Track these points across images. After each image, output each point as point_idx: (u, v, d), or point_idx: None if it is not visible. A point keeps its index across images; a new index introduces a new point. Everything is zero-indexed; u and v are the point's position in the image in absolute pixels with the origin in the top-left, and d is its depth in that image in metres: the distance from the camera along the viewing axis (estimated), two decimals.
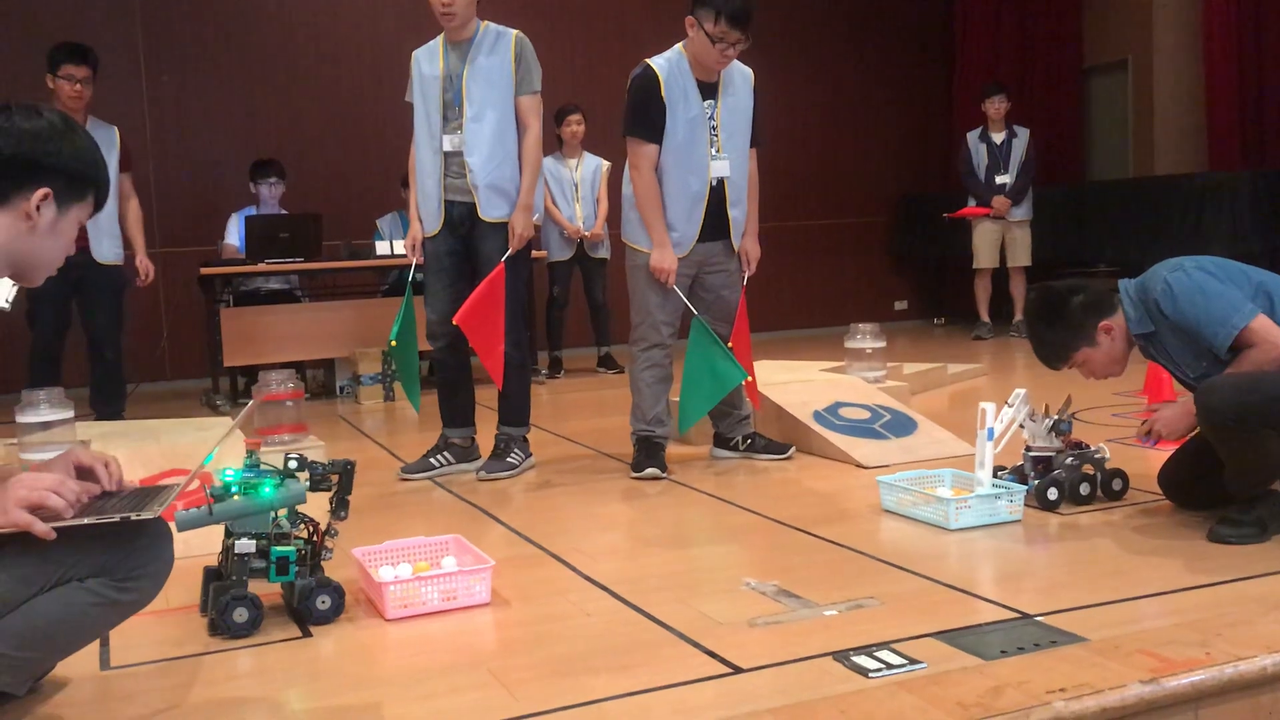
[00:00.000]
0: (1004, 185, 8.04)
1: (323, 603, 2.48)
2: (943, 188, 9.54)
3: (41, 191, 1.82)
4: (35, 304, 5.15)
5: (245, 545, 2.43)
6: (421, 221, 4.07)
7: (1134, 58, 9.01)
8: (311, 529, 2.54)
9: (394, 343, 4.07)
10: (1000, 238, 8.13)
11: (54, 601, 1.86)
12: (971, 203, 8.18)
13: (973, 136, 8.20)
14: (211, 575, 2.56)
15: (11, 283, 2.20)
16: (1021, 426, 3.32)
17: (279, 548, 2.46)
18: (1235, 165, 7.87)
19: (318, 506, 2.58)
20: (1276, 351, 2.77)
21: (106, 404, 5.41)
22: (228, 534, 2.47)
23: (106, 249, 5.23)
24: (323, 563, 2.56)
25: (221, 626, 2.41)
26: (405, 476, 4.09)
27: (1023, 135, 8.10)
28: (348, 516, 2.55)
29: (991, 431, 3.13)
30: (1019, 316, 7.91)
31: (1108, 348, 3.06)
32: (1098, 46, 9.35)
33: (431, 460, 4.14)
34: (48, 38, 5.46)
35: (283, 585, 2.55)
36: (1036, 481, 3.24)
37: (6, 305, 3.20)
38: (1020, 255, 8.07)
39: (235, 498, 2.45)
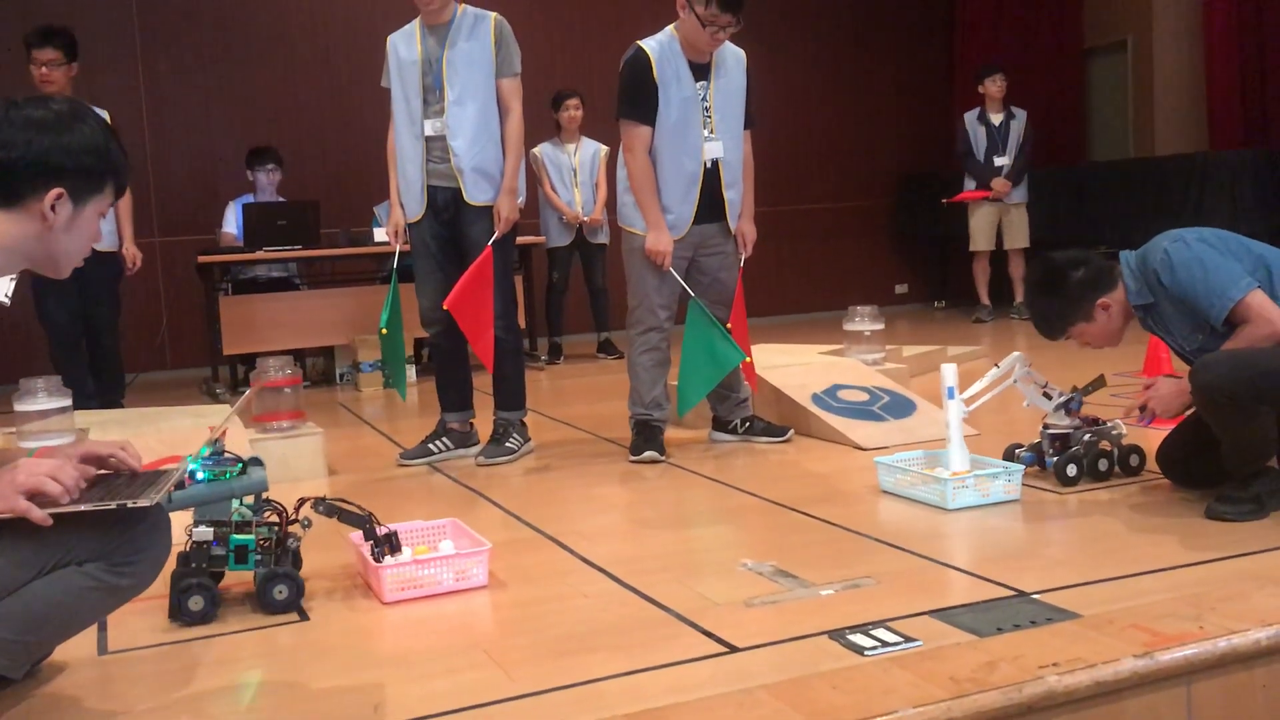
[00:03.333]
0: (1002, 167, 7.99)
1: (280, 593, 2.45)
2: (943, 170, 9.52)
3: (55, 192, 1.81)
4: (43, 298, 5.13)
5: (203, 532, 2.43)
6: (404, 207, 4.06)
7: (1134, 38, 8.97)
8: (280, 516, 2.53)
9: (384, 330, 4.06)
10: (997, 220, 8.10)
11: (51, 585, 1.87)
12: (969, 186, 8.15)
13: (970, 118, 8.15)
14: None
15: (10, 277, 2.18)
16: (1028, 398, 3.35)
17: (238, 535, 2.45)
18: (1236, 145, 7.85)
19: (289, 496, 2.58)
20: (1270, 328, 2.77)
21: (107, 391, 5.41)
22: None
23: (104, 236, 5.21)
24: (297, 548, 2.54)
25: (177, 613, 2.41)
26: (404, 462, 4.09)
27: (1021, 116, 8.05)
28: (325, 513, 2.55)
29: (951, 391, 3.16)
30: (1019, 299, 7.90)
31: (1104, 323, 3.07)
32: (1098, 27, 9.31)
33: (430, 446, 4.14)
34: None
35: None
36: (1055, 459, 3.25)
37: (6, 299, 3.20)
38: (1018, 237, 8.04)
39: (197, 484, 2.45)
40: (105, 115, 5.18)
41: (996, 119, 8.04)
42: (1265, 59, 7.87)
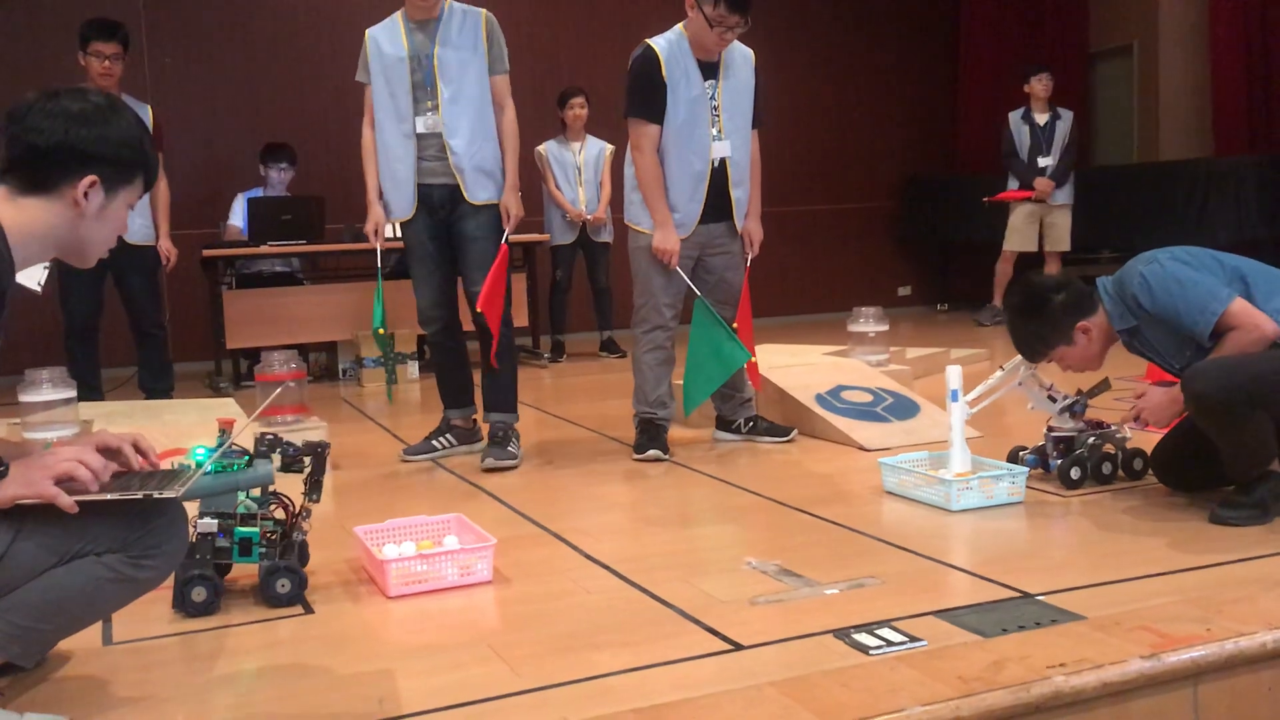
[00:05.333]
0: (1046, 167, 7.82)
1: (282, 586, 2.46)
2: (947, 172, 9.52)
3: (89, 179, 1.84)
4: (67, 285, 5.13)
5: (208, 524, 2.43)
6: (389, 206, 4.02)
7: (1140, 43, 8.97)
8: (286, 510, 2.53)
9: (381, 330, 4.03)
10: (1038, 221, 7.91)
11: (70, 574, 1.87)
12: (1013, 185, 8.02)
13: (1015, 117, 7.98)
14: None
15: (44, 265, 2.20)
16: (1033, 400, 3.35)
17: (242, 528, 2.45)
18: (1241, 150, 7.84)
19: (294, 490, 2.57)
20: (1258, 332, 2.77)
21: (152, 381, 5.42)
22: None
23: (137, 228, 5.19)
24: (304, 540, 2.54)
25: (181, 604, 2.41)
26: (407, 458, 4.09)
27: (1067, 117, 7.87)
28: (320, 499, 2.55)
29: (955, 394, 3.17)
30: None
31: (1083, 347, 3.10)
32: (1104, 31, 9.32)
33: (434, 442, 4.13)
34: (51, 18, 5.43)
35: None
36: (1059, 462, 3.26)
37: (39, 288, 3.22)
38: (1060, 240, 7.85)
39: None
40: (148, 111, 5.22)
41: (1041, 119, 7.91)
42: (1271, 64, 7.87)
